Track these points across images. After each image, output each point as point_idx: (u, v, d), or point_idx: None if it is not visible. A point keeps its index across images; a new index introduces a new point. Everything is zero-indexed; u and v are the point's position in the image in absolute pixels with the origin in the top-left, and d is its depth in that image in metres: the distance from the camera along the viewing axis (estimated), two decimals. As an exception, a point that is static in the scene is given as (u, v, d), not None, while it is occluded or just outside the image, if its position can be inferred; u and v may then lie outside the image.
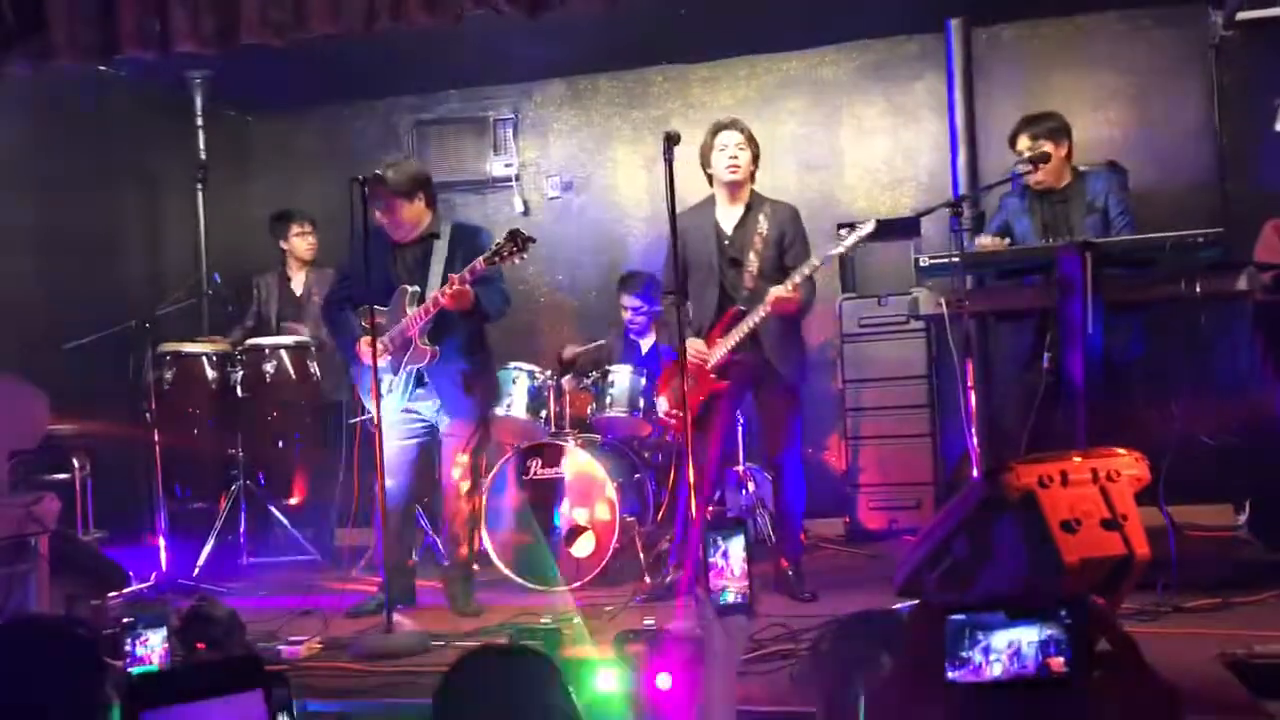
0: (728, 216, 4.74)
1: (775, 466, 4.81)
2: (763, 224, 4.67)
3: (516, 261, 4.43)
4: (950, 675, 1.32)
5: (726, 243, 4.70)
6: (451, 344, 4.63)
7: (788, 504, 4.79)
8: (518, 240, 4.35)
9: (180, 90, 6.89)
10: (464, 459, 4.73)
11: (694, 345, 4.64)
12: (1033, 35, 6.55)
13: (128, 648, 2.76)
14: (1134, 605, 3.60)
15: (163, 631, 2.85)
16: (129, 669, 2.69)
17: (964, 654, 1.34)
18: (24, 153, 6.05)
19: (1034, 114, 5.00)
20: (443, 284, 4.55)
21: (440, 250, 4.67)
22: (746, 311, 4.60)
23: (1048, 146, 4.76)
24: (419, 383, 4.68)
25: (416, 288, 4.63)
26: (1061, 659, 1.35)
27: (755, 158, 4.74)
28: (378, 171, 4.57)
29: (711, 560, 2.07)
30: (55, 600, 3.89)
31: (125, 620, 2.82)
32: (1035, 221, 4.84)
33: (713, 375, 4.65)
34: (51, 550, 3.91)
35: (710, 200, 4.79)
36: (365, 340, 4.57)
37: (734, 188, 4.70)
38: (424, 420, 4.78)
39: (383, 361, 4.59)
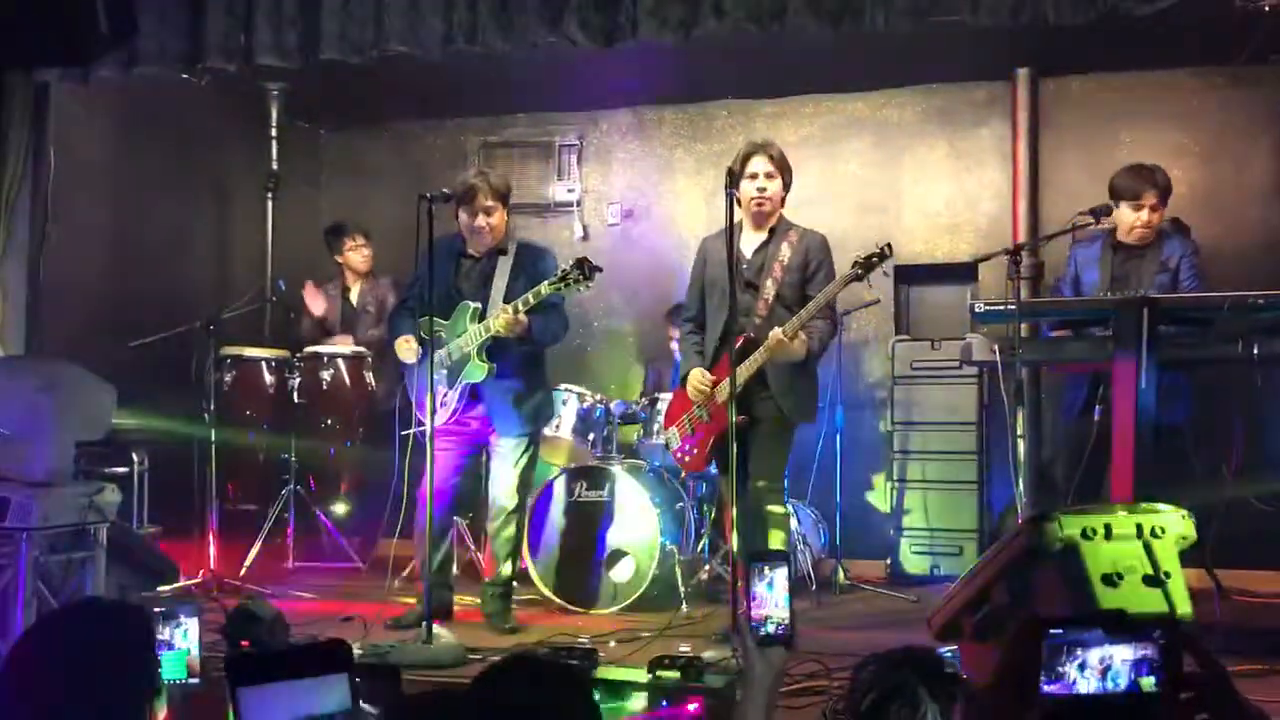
0: (750, 240, 4.54)
1: (753, 505, 4.35)
2: (785, 250, 4.45)
3: (582, 290, 4.45)
4: (1045, 688, 1.34)
5: (744, 266, 4.46)
6: (508, 362, 4.67)
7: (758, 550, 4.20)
8: (585, 269, 4.37)
9: (256, 101, 7.07)
10: (511, 477, 4.77)
11: (698, 377, 4.48)
12: (1101, 88, 6.54)
13: (163, 636, 2.85)
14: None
15: (196, 622, 2.94)
16: (159, 655, 2.78)
17: (1060, 668, 1.36)
18: (104, 155, 6.26)
19: (1144, 165, 4.92)
20: (505, 301, 4.61)
21: (504, 268, 4.73)
22: (757, 339, 4.34)
23: (1157, 206, 4.81)
24: (472, 398, 4.74)
25: (477, 304, 4.68)
26: (1153, 679, 1.37)
27: (786, 185, 4.52)
28: (486, 174, 4.74)
29: (754, 590, 2.08)
30: (108, 589, 4.00)
31: (160, 610, 2.92)
32: (1104, 274, 4.83)
33: (723, 406, 4.27)
34: (108, 540, 4.02)
35: (739, 224, 4.48)
36: (404, 339, 4.69)
37: (760, 217, 4.52)
38: (473, 435, 4.83)
39: (439, 374, 4.66)
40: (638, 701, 3.26)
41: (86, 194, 6.01)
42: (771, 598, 2.01)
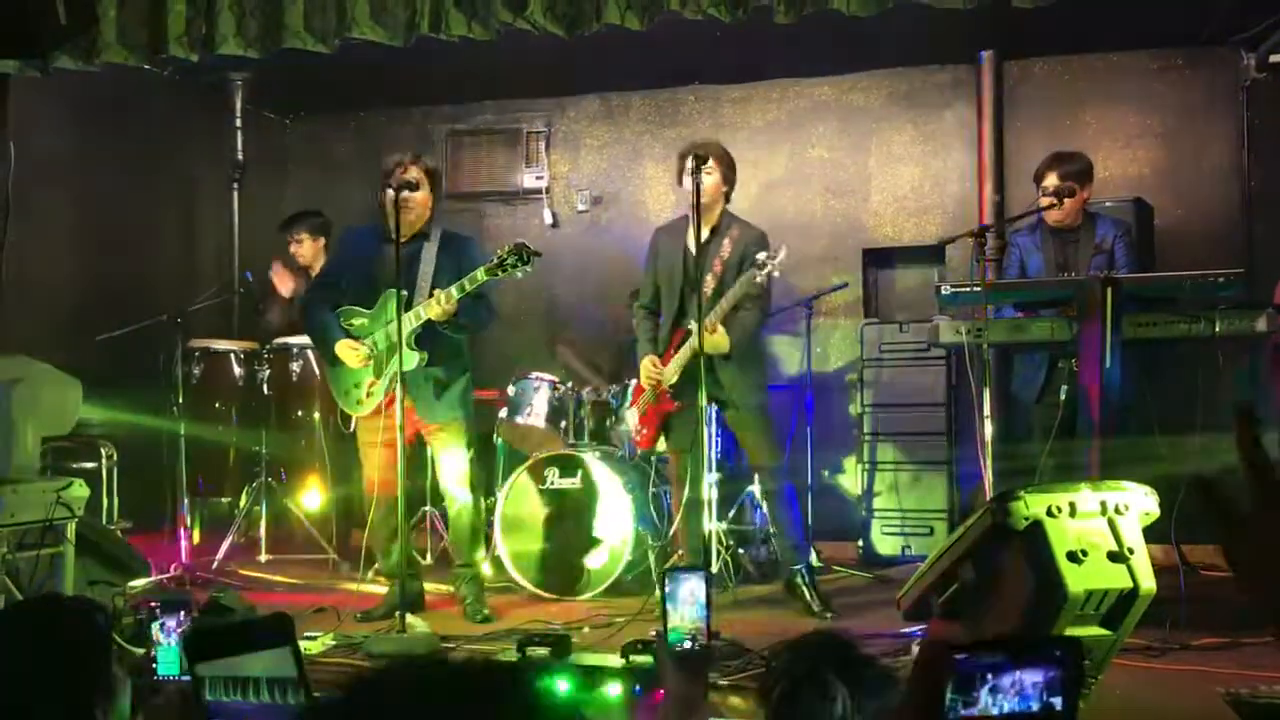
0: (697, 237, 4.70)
1: (765, 486, 4.93)
2: (725, 247, 4.66)
3: (519, 275, 4.41)
4: (961, 713, 1.36)
5: (690, 263, 4.69)
6: (432, 350, 4.59)
7: (783, 521, 4.83)
8: (523, 254, 4.33)
9: (220, 91, 7.01)
10: (458, 465, 4.71)
11: (649, 364, 4.77)
12: (1064, 70, 6.59)
13: (153, 631, 2.85)
14: (1141, 640, 3.62)
15: (189, 618, 2.94)
16: (154, 651, 2.79)
17: (974, 694, 1.39)
18: (66, 147, 6.18)
19: (1064, 152, 5.03)
20: (431, 288, 4.54)
21: (429, 255, 4.66)
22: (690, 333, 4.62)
23: (1074, 184, 4.81)
24: (400, 387, 4.67)
25: (404, 291, 4.55)
26: (1060, 699, 1.40)
27: (726, 179, 4.68)
28: (417, 153, 4.70)
29: (667, 602, 2.05)
30: (78, 585, 3.98)
31: (152, 604, 2.92)
32: (1047, 259, 4.89)
33: (668, 393, 4.74)
34: (76, 536, 3.99)
35: (685, 219, 4.78)
36: (346, 343, 4.60)
37: (703, 210, 4.62)
38: (409, 425, 4.75)
39: (366, 364, 4.62)
40: (612, 687, 3.28)
41: (48, 187, 5.94)
42: (685, 609, 1.99)
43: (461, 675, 0.98)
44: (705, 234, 4.66)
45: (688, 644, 1.97)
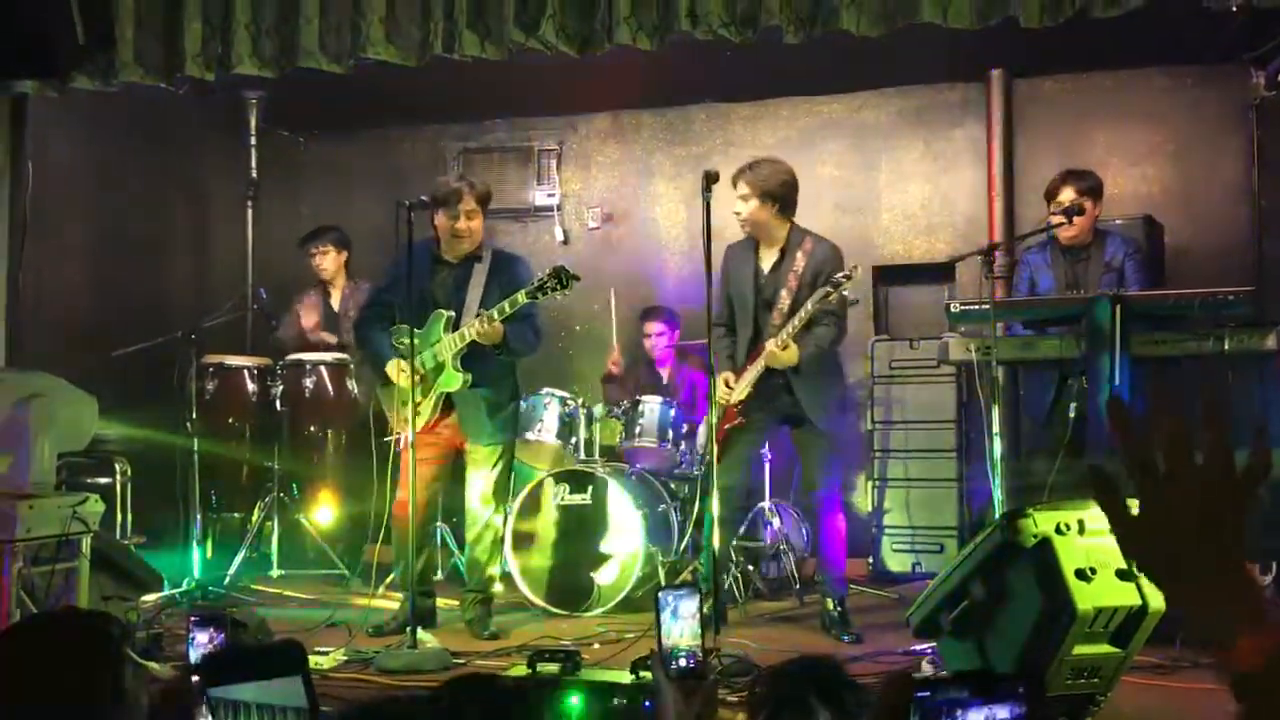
0: (767, 256, 4.77)
1: (813, 507, 4.89)
2: (799, 261, 4.66)
3: (558, 298, 4.48)
4: None
5: (762, 282, 4.74)
6: (481, 371, 4.67)
7: (825, 544, 4.79)
8: (562, 277, 4.39)
9: (235, 109, 7.07)
10: (487, 486, 4.76)
11: (721, 381, 4.73)
12: (1074, 89, 6.61)
13: (192, 645, 2.90)
14: (1150, 658, 3.61)
15: (223, 635, 2.99)
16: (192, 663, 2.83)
17: None
18: (82, 165, 6.25)
19: (1077, 169, 5.05)
20: (479, 309, 4.62)
21: (480, 275, 4.74)
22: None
23: (1086, 202, 4.82)
24: (446, 406, 4.76)
25: (451, 312, 4.67)
26: None
27: (767, 198, 4.65)
28: (470, 180, 4.76)
29: (662, 622, 2.05)
30: (93, 600, 4.00)
31: (192, 618, 2.96)
32: (1057, 277, 4.91)
33: (735, 410, 4.70)
34: (91, 551, 4.02)
35: (754, 238, 4.83)
36: (397, 362, 4.65)
37: (759, 233, 4.74)
38: (446, 443, 4.81)
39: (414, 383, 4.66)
40: (621, 702, 3.29)
41: (65, 204, 6.00)
42: (679, 629, 1.99)
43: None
44: (775, 254, 4.73)
45: (683, 662, 1.98)
